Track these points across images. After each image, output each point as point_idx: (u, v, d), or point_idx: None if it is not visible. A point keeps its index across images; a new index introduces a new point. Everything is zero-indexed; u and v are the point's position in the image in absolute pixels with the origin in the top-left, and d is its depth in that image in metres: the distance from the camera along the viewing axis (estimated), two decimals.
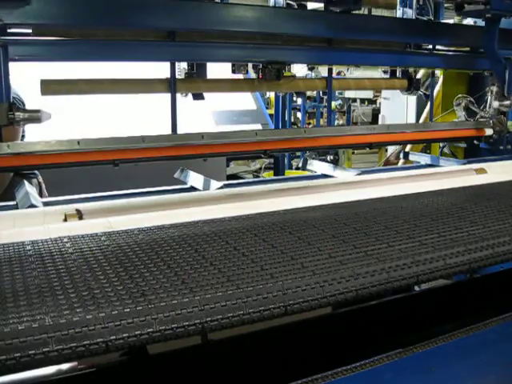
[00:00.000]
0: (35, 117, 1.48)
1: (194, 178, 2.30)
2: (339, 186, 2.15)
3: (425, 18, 2.76)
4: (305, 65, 6.60)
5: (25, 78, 2.27)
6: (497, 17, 2.59)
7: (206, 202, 1.82)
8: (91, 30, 2.05)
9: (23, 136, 2.98)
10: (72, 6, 1.90)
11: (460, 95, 3.34)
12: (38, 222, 1.56)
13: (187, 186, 2.30)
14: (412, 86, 2.98)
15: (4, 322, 0.86)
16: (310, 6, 2.64)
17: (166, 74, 2.24)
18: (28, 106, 3.00)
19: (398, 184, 2.16)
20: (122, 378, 1.40)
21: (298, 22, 2.36)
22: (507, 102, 2.79)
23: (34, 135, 2.91)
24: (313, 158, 2.98)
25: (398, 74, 2.99)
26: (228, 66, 2.50)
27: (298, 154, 6.91)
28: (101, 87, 2.13)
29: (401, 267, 1.21)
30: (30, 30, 1.93)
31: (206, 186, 2.19)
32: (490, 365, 1.47)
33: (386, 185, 2.16)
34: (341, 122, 9.99)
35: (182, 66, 2.32)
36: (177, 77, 2.25)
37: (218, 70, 2.49)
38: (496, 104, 2.52)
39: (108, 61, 2.25)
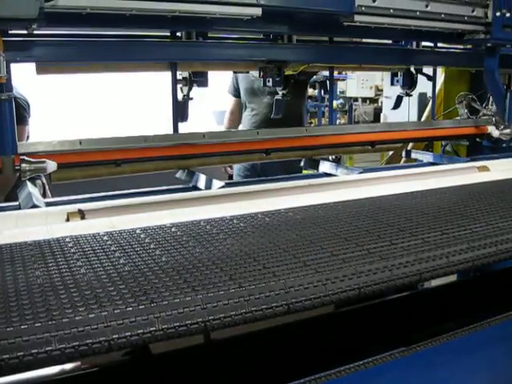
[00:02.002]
0: (41, 168, 1.53)
1: (196, 178, 2.30)
2: (341, 184, 2.15)
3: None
4: None
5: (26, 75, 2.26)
6: (497, 46, 2.60)
7: (207, 201, 1.82)
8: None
9: (27, 137, 2.99)
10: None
11: (462, 93, 3.33)
12: (40, 222, 1.56)
13: (189, 185, 2.31)
14: (414, 85, 2.98)
15: (7, 321, 0.86)
16: None
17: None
18: (32, 106, 3.02)
19: (401, 182, 2.15)
20: (124, 377, 1.40)
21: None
22: (507, 131, 2.79)
23: (38, 136, 2.92)
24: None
25: (400, 74, 2.98)
26: None
27: None
28: None
29: (404, 265, 1.20)
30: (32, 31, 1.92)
31: (208, 186, 2.19)
32: (494, 363, 1.47)
33: (388, 183, 2.15)
34: (342, 121, 9.95)
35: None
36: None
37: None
38: (496, 133, 2.53)
39: (109, 61, 2.24)
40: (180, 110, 2.25)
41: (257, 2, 1.83)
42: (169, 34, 2.20)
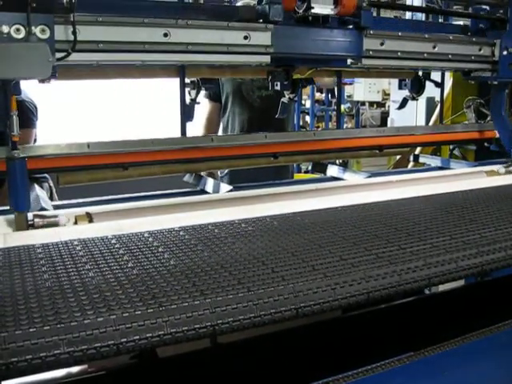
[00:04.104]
0: (53, 222, 1.57)
1: (204, 181, 2.30)
2: (349, 188, 2.14)
3: None
4: None
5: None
6: (504, 84, 2.64)
7: (215, 204, 1.82)
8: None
9: (35, 140, 3.00)
10: None
11: (470, 97, 3.32)
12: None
13: (197, 189, 2.31)
14: (422, 89, 2.98)
15: (15, 324, 0.86)
16: None
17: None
18: (39, 109, 3.03)
19: (408, 186, 2.15)
20: (131, 380, 1.40)
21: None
22: None
23: (45, 139, 2.93)
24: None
25: (407, 79, 2.98)
26: None
27: None
28: None
29: (412, 269, 1.20)
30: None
31: (216, 189, 2.19)
32: (502, 368, 1.45)
33: (395, 187, 2.15)
34: (349, 125, 9.93)
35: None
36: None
37: None
38: (503, 170, 2.56)
39: (114, 64, 2.24)
40: (186, 113, 2.27)
41: (265, 50, 1.85)
42: None
